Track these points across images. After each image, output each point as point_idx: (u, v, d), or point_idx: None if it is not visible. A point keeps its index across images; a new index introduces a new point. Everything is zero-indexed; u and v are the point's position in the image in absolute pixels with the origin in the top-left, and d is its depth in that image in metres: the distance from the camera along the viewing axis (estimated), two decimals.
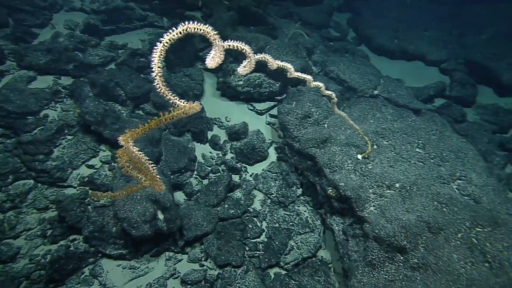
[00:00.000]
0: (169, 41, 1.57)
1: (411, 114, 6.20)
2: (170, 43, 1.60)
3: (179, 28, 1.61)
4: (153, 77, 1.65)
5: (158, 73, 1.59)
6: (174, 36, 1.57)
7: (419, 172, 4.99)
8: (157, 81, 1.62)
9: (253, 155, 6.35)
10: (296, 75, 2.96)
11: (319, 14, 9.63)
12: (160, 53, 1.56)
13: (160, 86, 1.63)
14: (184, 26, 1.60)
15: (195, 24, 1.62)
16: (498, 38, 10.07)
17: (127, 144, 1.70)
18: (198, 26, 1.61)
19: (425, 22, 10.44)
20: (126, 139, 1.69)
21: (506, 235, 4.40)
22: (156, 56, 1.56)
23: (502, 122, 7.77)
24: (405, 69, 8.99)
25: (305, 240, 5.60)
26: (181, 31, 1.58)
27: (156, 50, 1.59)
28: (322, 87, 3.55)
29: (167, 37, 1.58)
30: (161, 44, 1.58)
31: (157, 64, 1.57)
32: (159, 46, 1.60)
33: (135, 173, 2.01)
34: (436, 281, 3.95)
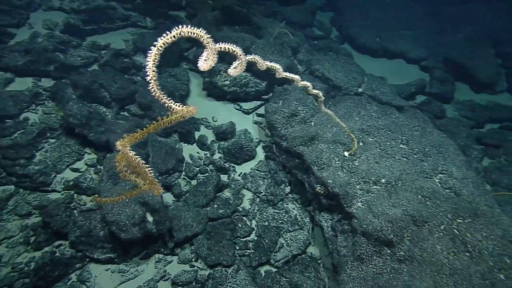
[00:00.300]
0: (163, 45, 1.58)
1: (394, 111, 6.38)
2: (165, 47, 1.60)
3: (173, 32, 1.61)
4: (148, 81, 1.64)
5: (153, 77, 1.59)
6: (168, 40, 1.57)
7: (403, 168, 5.14)
8: (152, 85, 1.62)
9: (241, 155, 6.37)
10: (284, 75, 3.00)
11: (303, 14, 9.73)
12: (154, 57, 1.56)
13: (155, 90, 1.63)
14: (178, 30, 1.61)
15: (188, 27, 1.62)
16: (473, 38, 10.46)
17: (125, 149, 1.69)
18: (192, 29, 1.62)
19: (406, 21, 10.72)
20: (124, 144, 1.68)
21: (485, 225, 4.61)
22: (151, 60, 1.56)
23: (478, 117, 8.09)
24: (387, 67, 9.22)
25: (295, 237, 5.66)
26: (175, 35, 1.59)
27: (150, 54, 1.59)
28: (309, 86, 3.61)
29: (161, 41, 1.58)
30: (155, 48, 1.58)
31: (151, 68, 1.57)
32: (153, 50, 1.59)
33: (134, 178, 2.00)
34: (422, 272, 4.10)
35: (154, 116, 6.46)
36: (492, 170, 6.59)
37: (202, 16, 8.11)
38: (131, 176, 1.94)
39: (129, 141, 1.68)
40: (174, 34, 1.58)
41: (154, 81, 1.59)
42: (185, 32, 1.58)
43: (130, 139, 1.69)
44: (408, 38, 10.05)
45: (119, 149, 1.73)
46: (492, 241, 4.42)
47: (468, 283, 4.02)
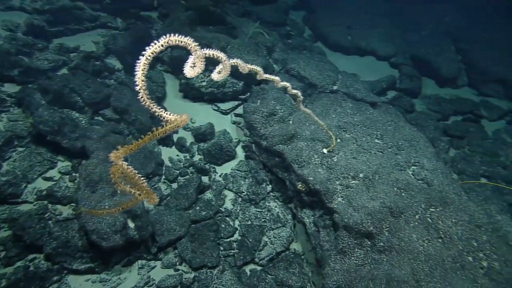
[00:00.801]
0: (152, 54, 1.57)
1: (368, 107, 6.62)
2: (153, 56, 1.60)
3: (161, 40, 1.61)
4: (137, 90, 1.63)
5: (143, 86, 1.58)
6: (156, 49, 1.57)
7: (379, 162, 5.36)
8: (141, 95, 1.61)
9: (221, 155, 6.37)
10: (265, 76, 3.05)
11: (276, 13, 9.83)
12: (143, 66, 1.55)
13: (145, 99, 1.62)
14: (166, 39, 1.61)
15: (176, 36, 1.63)
16: (436, 35, 11.03)
17: (118, 161, 1.67)
18: (179, 38, 1.63)
19: (374, 19, 11.11)
20: (118, 156, 1.65)
21: (454, 212, 4.91)
22: (140, 69, 1.55)
23: (444, 110, 8.56)
24: (359, 64, 9.52)
25: (278, 235, 5.76)
26: (163, 43, 1.59)
27: (139, 64, 1.58)
28: (289, 86, 3.69)
29: (149, 51, 1.58)
30: (144, 58, 1.57)
31: (140, 78, 1.56)
32: (142, 59, 1.59)
33: (129, 189, 1.97)
34: (400, 261, 4.31)
35: (131, 120, 6.31)
36: (458, 160, 7.01)
37: (175, 16, 8.00)
38: (125, 187, 1.92)
39: (123, 152, 1.66)
40: (162, 43, 1.58)
41: (143, 91, 1.58)
42: (173, 41, 1.58)
43: (124, 151, 1.67)
44: (377, 35, 10.43)
45: (113, 160, 1.71)
46: (461, 227, 4.73)
47: (441, 268, 4.28)
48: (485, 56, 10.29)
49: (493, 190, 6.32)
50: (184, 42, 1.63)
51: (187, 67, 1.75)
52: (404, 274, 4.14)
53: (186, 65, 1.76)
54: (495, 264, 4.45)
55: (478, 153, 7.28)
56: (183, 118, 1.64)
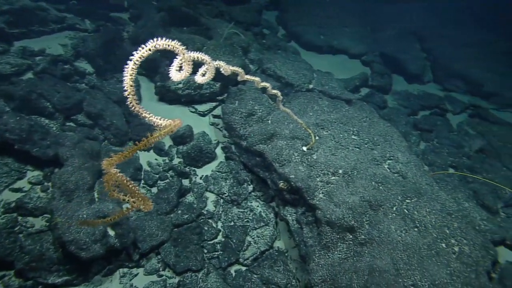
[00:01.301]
0: (139, 58, 1.54)
1: (344, 105, 6.81)
2: (142, 60, 1.57)
3: (148, 45, 1.58)
4: (126, 96, 1.60)
5: (131, 92, 1.55)
6: (144, 53, 1.55)
7: (357, 157, 5.54)
8: (130, 101, 1.58)
9: (201, 157, 6.32)
10: (246, 77, 3.08)
11: (250, 13, 9.86)
12: (131, 71, 1.52)
13: (134, 105, 1.59)
14: (153, 43, 1.59)
15: (163, 40, 1.61)
16: (403, 34, 11.53)
17: (111, 169, 1.62)
18: (167, 42, 1.61)
19: (344, 18, 11.42)
20: (110, 163, 1.61)
21: (428, 202, 5.18)
22: (128, 74, 1.52)
23: (413, 105, 8.96)
24: (332, 62, 9.76)
25: (261, 234, 5.80)
26: (150, 48, 1.57)
27: (126, 69, 1.55)
28: (269, 87, 3.73)
29: (137, 55, 1.55)
30: (132, 63, 1.54)
31: (129, 83, 1.52)
32: (129, 64, 1.55)
33: (122, 196, 1.92)
34: (381, 252, 4.48)
35: (106, 125, 6.12)
36: (428, 153, 7.37)
37: (148, 17, 7.83)
38: (119, 195, 1.87)
39: (116, 160, 1.62)
40: (150, 47, 1.56)
41: (132, 96, 1.55)
42: (161, 44, 1.56)
43: (117, 158, 1.63)
44: (348, 34, 10.73)
45: (105, 169, 1.66)
46: (434, 215, 4.99)
47: (418, 255, 4.50)
48: (447, 54, 10.88)
49: (460, 179, 6.71)
50: (171, 46, 1.61)
51: (173, 71, 1.73)
52: (385, 264, 4.31)
53: (172, 69, 1.74)
54: (465, 248, 4.73)
55: (446, 145, 7.69)
56: (176, 123, 1.62)
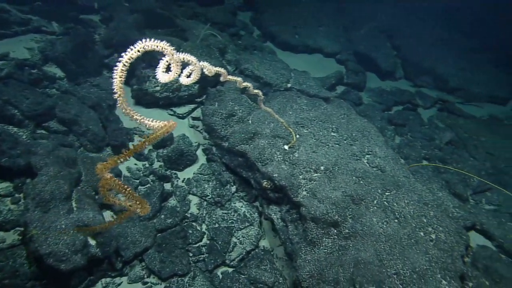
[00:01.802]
0: (129, 60, 1.51)
1: (322, 103, 6.95)
2: (131, 61, 1.54)
3: (137, 46, 1.56)
4: (116, 98, 1.56)
5: (121, 94, 1.51)
6: (133, 54, 1.52)
7: (337, 153, 5.67)
8: (120, 103, 1.54)
9: (183, 160, 6.25)
10: (229, 78, 3.08)
11: (224, 14, 9.84)
12: (121, 73, 1.49)
13: (125, 107, 1.55)
14: (142, 44, 1.56)
15: (152, 41, 1.58)
16: (373, 32, 11.92)
17: (104, 174, 1.57)
18: (155, 43, 1.59)
19: (318, 18, 11.64)
20: (104, 168, 1.56)
21: (406, 193, 5.38)
22: (117, 77, 1.48)
23: (386, 101, 9.29)
24: (308, 61, 9.92)
25: (246, 234, 5.81)
26: (139, 49, 1.54)
27: (116, 71, 1.51)
28: (250, 87, 3.75)
29: (126, 57, 1.52)
30: (121, 64, 1.51)
31: (118, 85, 1.49)
32: (119, 66, 1.52)
33: (118, 201, 1.86)
34: (364, 244, 4.62)
35: (82, 131, 5.90)
36: (403, 146, 7.67)
37: (120, 19, 7.63)
38: (115, 199, 1.81)
39: (112, 163, 1.58)
40: (138, 48, 1.53)
41: (122, 99, 1.51)
42: (149, 46, 1.54)
43: (112, 162, 1.58)
44: (322, 34, 10.95)
45: (99, 174, 1.61)
46: (412, 206, 5.20)
47: (399, 245, 4.67)
48: (415, 52, 11.36)
49: (433, 170, 7.04)
50: (160, 47, 1.59)
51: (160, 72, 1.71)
52: (369, 256, 4.45)
53: (158, 70, 1.72)
54: (441, 235, 4.96)
55: (418, 138, 8.03)
56: (170, 124, 1.60)
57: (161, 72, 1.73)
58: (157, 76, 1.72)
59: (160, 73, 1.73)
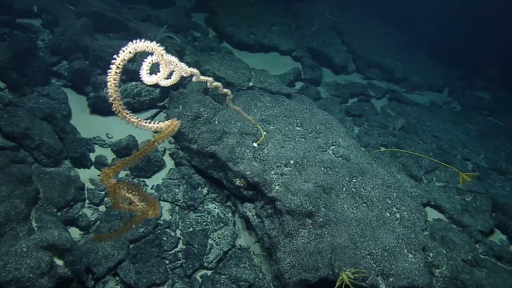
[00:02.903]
0: (122, 61, 1.47)
1: (284, 99, 7.14)
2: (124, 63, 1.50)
3: (129, 47, 1.51)
4: (111, 101, 1.50)
5: (117, 97, 1.46)
6: (126, 56, 1.48)
7: (304, 147, 5.88)
8: (115, 106, 1.49)
9: (150, 167, 6.06)
10: (201, 78, 3.08)
11: (178, 16, 9.65)
12: (115, 76, 1.44)
13: (120, 111, 1.50)
14: (133, 45, 1.52)
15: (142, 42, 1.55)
16: (324, 29, 12.47)
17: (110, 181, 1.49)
18: (146, 44, 1.56)
19: (270, 17, 11.89)
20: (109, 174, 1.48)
21: (370, 179, 5.75)
22: (111, 79, 1.43)
23: (343, 94, 9.80)
24: (265, 60, 10.10)
25: (222, 235, 5.81)
26: (131, 50, 1.50)
27: (110, 74, 1.46)
28: (220, 86, 3.77)
29: (119, 59, 1.47)
30: (114, 66, 1.46)
31: (113, 88, 1.44)
32: (112, 68, 1.47)
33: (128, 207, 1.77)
34: (338, 230, 4.87)
35: (35, 145, 5.46)
36: (362, 135, 8.16)
37: (67, 24, 7.16)
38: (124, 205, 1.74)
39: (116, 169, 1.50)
40: (130, 49, 1.49)
41: (117, 101, 1.47)
42: (140, 47, 1.51)
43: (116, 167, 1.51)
44: (275, 32, 11.20)
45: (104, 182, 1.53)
46: (377, 190, 5.57)
47: (370, 227, 4.99)
48: (363, 46, 12.10)
49: (390, 155, 7.59)
50: (150, 47, 1.57)
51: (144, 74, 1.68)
52: (343, 240, 4.70)
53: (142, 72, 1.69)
54: (404, 214, 5.40)
55: (374, 127, 8.59)
56: (175, 123, 1.58)
57: (146, 74, 1.70)
58: (142, 78, 1.69)
59: (145, 75, 1.70)
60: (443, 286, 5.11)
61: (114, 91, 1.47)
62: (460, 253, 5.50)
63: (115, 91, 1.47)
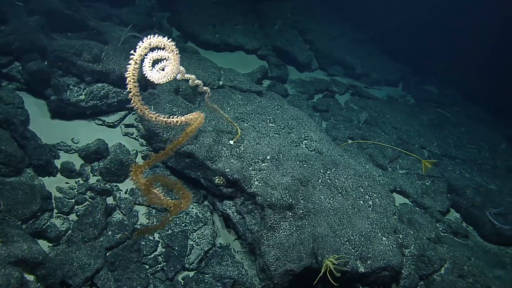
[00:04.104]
0: (140, 56, 1.43)
1: (255, 96, 7.24)
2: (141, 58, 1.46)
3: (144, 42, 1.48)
4: (130, 98, 1.46)
5: (135, 92, 1.43)
6: (143, 51, 1.45)
7: (279, 142, 6.02)
8: (134, 102, 1.45)
9: (123, 171, 5.83)
10: (187, 76, 3.07)
11: (140, 16, 9.34)
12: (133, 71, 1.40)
13: (140, 107, 1.47)
14: (148, 40, 1.50)
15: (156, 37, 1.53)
16: (286, 28, 12.78)
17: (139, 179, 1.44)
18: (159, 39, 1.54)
19: (233, 17, 11.92)
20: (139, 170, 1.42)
21: (343, 170, 6.05)
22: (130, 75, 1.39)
23: (308, 91, 10.14)
24: (232, 59, 10.14)
25: (202, 235, 5.76)
26: (146, 45, 1.47)
27: (128, 69, 1.42)
28: (201, 84, 3.77)
29: (137, 54, 1.44)
30: (133, 61, 1.42)
31: (132, 84, 1.40)
32: (131, 63, 1.43)
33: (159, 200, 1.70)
34: (318, 220, 5.06)
35: None
36: (330, 129, 8.52)
37: (18, 22, 6.63)
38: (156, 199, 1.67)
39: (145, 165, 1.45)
40: (145, 45, 1.47)
41: (136, 97, 1.43)
42: (154, 42, 1.49)
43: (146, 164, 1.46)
44: (240, 32, 11.27)
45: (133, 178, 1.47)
46: (350, 180, 5.87)
47: (346, 216, 5.25)
48: (324, 44, 12.59)
49: (358, 147, 8.01)
50: (163, 43, 1.56)
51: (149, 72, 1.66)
52: (324, 230, 4.90)
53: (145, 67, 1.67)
54: (376, 200, 5.75)
55: (340, 121, 9.00)
56: (199, 115, 1.57)
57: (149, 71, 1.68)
58: (149, 76, 1.66)
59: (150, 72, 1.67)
60: (412, 263, 5.53)
61: (134, 86, 1.43)
62: (425, 233, 5.98)
63: (135, 86, 1.44)
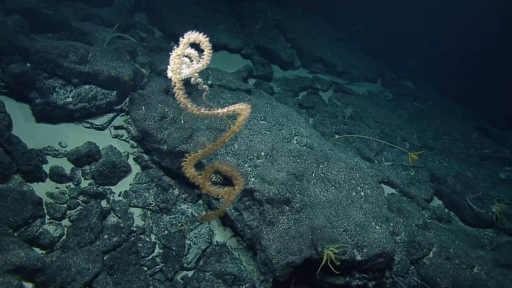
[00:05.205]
0: (180, 51, 1.47)
1: (245, 95, 7.31)
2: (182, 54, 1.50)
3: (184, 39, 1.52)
4: (174, 91, 1.50)
5: (179, 86, 1.47)
6: (184, 46, 1.49)
7: (271, 139, 6.13)
8: (178, 96, 1.48)
9: (116, 173, 5.75)
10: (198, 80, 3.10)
11: (122, 15, 9.16)
12: (176, 66, 1.44)
13: (183, 101, 1.50)
14: (187, 36, 1.54)
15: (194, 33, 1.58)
16: (267, 27, 12.90)
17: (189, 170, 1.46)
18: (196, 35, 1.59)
19: (214, 17, 11.91)
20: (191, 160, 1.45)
21: (335, 163, 6.24)
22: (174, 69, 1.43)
23: (293, 88, 10.32)
24: (216, 58, 10.12)
25: (199, 234, 5.78)
26: (186, 42, 1.52)
27: (171, 63, 1.45)
28: (201, 82, 3.80)
29: (178, 49, 1.47)
30: (174, 56, 1.46)
31: (176, 78, 1.44)
32: (172, 58, 1.47)
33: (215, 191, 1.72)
34: (315, 213, 5.20)
35: None
36: (317, 125, 8.72)
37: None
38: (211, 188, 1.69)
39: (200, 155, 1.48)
40: (185, 40, 1.51)
41: (180, 90, 1.47)
42: (193, 38, 1.54)
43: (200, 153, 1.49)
44: (222, 31, 11.29)
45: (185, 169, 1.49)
46: (342, 173, 6.07)
47: (341, 207, 5.43)
48: (305, 43, 12.82)
49: (345, 142, 8.26)
50: (199, 40, 1.61)
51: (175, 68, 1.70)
52: (321, 222, 5.05)
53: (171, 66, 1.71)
54: (368, 191, 5.98)
55: (326, 117, 9.24)
56: (245, 106, 1.62)
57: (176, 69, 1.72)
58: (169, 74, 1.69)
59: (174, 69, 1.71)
60: (403, 249, 5.81)
61: (178, 81, 1.48)
62: (414, 220, 6.28)
63: (180, 80, 1.48)
